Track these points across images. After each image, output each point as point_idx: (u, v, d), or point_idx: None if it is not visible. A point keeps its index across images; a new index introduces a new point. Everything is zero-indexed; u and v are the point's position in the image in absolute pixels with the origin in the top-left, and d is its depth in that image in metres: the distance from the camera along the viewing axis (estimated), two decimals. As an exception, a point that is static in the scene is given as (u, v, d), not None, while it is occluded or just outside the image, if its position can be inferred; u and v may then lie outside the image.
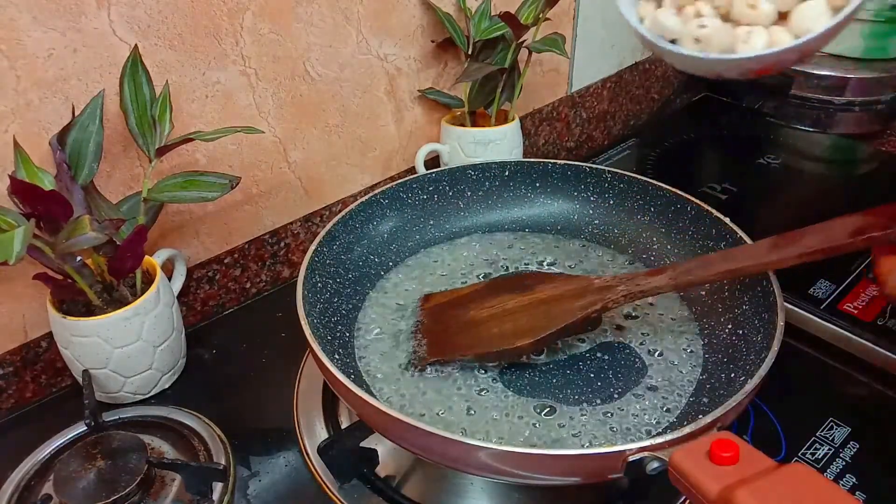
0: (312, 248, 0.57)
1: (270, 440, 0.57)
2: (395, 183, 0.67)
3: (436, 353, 0.55)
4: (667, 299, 0.61)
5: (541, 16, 0.74)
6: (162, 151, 0.56)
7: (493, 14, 0.75)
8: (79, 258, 0.55)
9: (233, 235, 0.70)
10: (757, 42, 0.40)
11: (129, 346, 0.56)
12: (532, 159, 0.71)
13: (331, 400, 0.60)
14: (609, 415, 0.51)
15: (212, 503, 0.51)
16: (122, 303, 0.56)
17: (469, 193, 0.71)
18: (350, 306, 0.61)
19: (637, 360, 0.56)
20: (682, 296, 0.61)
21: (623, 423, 0.50)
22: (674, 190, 0.65)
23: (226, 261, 0.70)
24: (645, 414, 0.51)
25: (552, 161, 0.70)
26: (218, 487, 0.52)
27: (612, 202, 0.69)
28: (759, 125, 1.05)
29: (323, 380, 0.61)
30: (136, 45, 0.55)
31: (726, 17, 0.42)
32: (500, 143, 0.78)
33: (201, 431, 0.56)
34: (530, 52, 0.76)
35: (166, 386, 0.62)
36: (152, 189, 0.56)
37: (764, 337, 0.50)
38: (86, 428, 0.54)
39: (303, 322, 0.50)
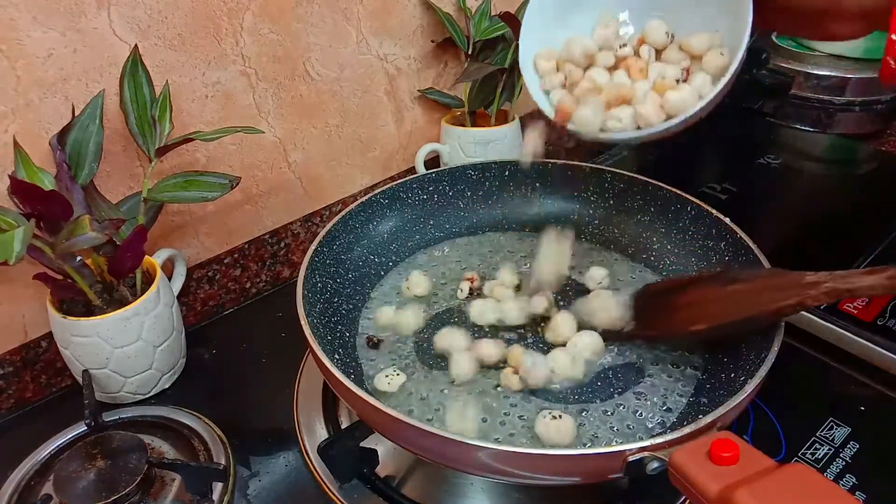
0: (312, 248, 0.57)
1: (270, 440, 0.57)
2: (395, 183, 0.67)
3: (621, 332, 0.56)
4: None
5: (541, 16, 0.74)
6: (162, 151, 0.56)
7: (493, 14, 0.75)
8: (79, 258, 0.55)
9: (233, 235, 0.70)
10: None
11: (129, 346, 0.56)
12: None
13: (331, 400, 0.60)
14: (609, 414, 0.51)
15: (212, 503, 0.51)
16: (122, 303, 0.56)
17: (469, 193, 0.71)
18: (350, 306, 0.61)
19: (636, 359, 0.56)
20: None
21: (623, 422, 0.50)
22: (674, 190, 0.65)
23: (226, 261, 0.70)
24: (645, 413, 0.51)
25: (552, 161, 0.70)
26: (218, 487, 0.52)
27: (612, 202, 0.69)
28: (759, 125, 1.05)
29: (323, 380, 0.61)
30: (136, 45, 0.55)
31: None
32: (500, 143, 0.78)
33: (201, 431, 0.56)
34: (530, 52, 0.76)
35: (166, 386, 0.62)
36: (152, 189, 0.56)
37: (764, 337, 0.50)
38: (86, 428, 0.54)
39: (303, 322, 0.50)
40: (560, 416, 0.48)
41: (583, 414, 0.51)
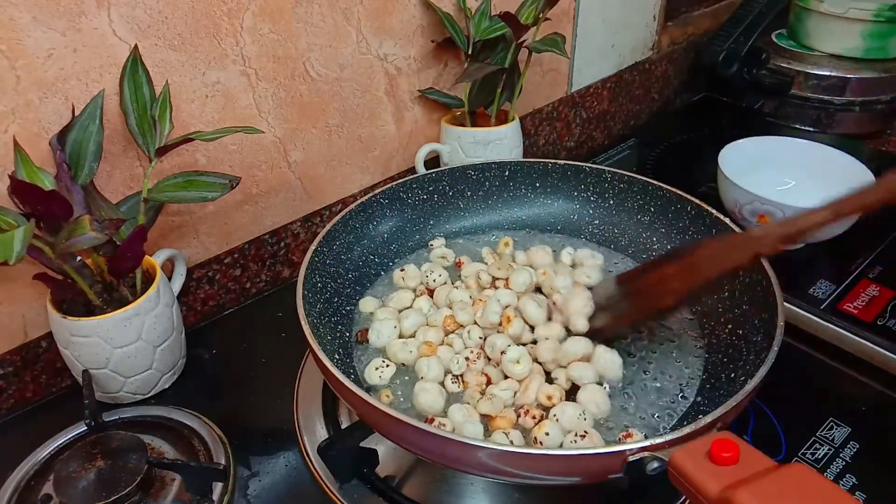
0: (312, 248, 0.57)
1: (270, 440, 0.57)
2: (395, 183, 0.67)
3: (601, 328, 0.56)
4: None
5: (541, 16, 0.74)
6: (162, 151, 0.56)
7: (493, 14, 0.75)
8: (79, 258, 0.55)
9: (233, 235, 0.70)
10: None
11: (129, 346, 0.56)
12: (532, 159, 0.71)
13: (331, 400, 0.60)
14: (609, 415, 0.51)
15: (212, 503, 0.51)
16: (122, 303, 0.56)
17: (469, 193, 0.71)
18: (350, 306, 0.61)
19: (637, 359, 0.56)
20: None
21: (623, 422, 0.50)
22: (674, 190, 0.65)
23: (226, 261, 0.70)
24: (645, 413, 0.51)
25: (552, 161, 0.70)
26: (218, 487, 0.52)
27: (612, 202, 0.69)
28: (759, 125, 1.05)
29: (323, 380, 0.61)
30: (136, 45, 0.55)
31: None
32: (500, 143, 0.78)
33: (201, 431, 0.56)
34: (530, 52, 0.76)
35: (166, 386, 0.62)
36: (152, 189, 0.56)
37: (764, 337, 0.50)
38: (86, 428, 0.54)
39: (303, 322, 0.50)
40: (585, 434, 0.48)
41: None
